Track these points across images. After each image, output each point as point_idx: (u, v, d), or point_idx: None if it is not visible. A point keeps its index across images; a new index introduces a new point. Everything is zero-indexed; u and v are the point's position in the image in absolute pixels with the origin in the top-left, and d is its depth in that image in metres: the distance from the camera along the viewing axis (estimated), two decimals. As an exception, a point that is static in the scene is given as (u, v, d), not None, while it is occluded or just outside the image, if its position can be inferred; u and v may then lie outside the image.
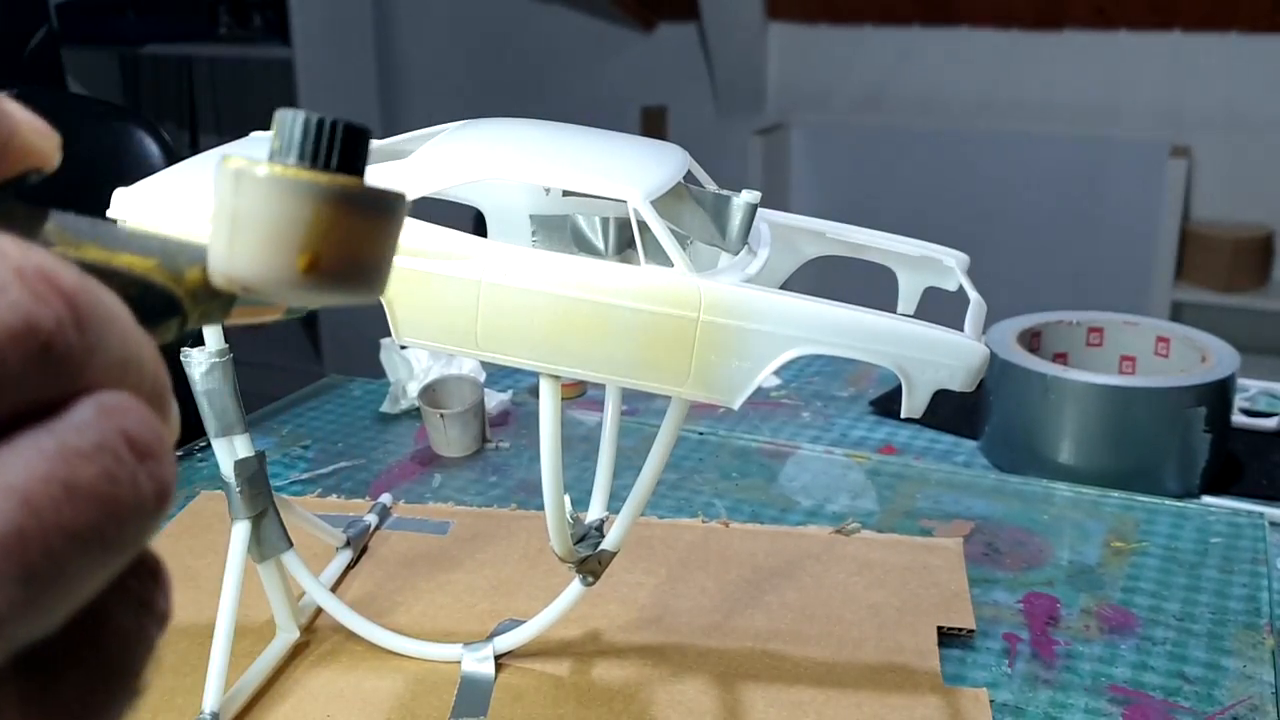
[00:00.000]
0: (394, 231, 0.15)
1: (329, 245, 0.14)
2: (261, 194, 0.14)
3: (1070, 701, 0.45)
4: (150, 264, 0.14)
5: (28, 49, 0.71)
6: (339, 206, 0.14)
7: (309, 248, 0.14)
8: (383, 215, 0.15)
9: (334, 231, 0.14)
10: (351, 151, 0.14)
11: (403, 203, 0.15)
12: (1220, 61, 1.84)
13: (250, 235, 0.14)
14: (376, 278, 0.15)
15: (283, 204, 0.14)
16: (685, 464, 0.66)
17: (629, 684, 0.45)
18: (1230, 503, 0.62)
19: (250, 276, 0.14)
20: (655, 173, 0.37)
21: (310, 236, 0.14)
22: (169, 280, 0.14)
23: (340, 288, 0.14)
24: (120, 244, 0.14)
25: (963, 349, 0.36)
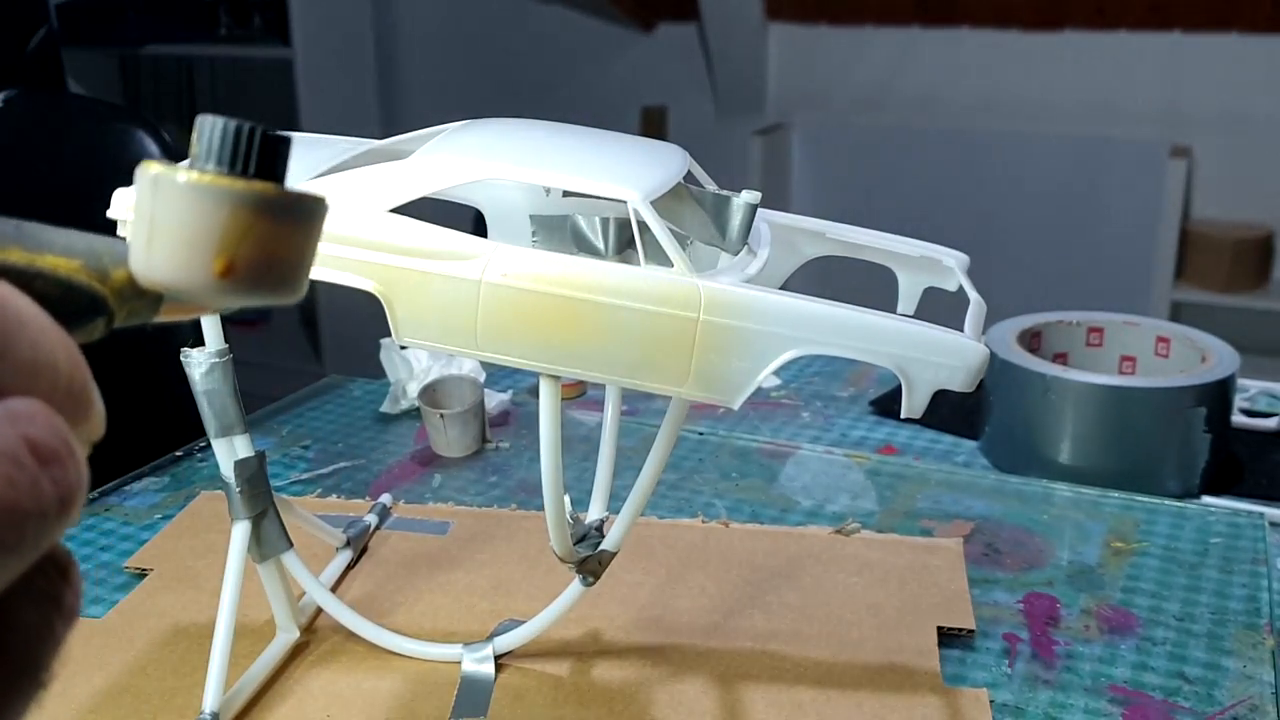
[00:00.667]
0: (313, 235, 0.15)
1: (245, 250, 0.14)
2: (178, 199, 0.14)
3: (1070, 702, 0.45)
4: (75, 265, 0.14)
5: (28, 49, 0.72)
6: (254, 212, 0.14)
7: (224, 252, 0.14)
8: (300, 220, 0.15)
9: (249, 236, 0.14)
10: (270, 158, 0.14)
11: (322, 206, 0.15)
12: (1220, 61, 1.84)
13: (167, 239, 0.14)
14: (294, 280, 0.15)
15: (198, 209, 0.14)
16: (685, 464, 0.66)
17: (629, 684, 0.45)
18: (1230, 503, 0.62)
19: (168, 279, 0.14)
20: (655, 173, 0.37)
21: (225, 241, 0.14)
22: (94, 280, 0.14)
23: (257, 291, 0.15)
24: (45, 246, 0.14)
25: (963, 349, 0.36)
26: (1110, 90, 1.91)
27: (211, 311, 0.16)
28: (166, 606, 0.50)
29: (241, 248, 0.14)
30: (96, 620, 0.50)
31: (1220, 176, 1.87)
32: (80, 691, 0.44)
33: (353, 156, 0.41)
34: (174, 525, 0.58)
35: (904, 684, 0.45)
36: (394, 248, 0.36)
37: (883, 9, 2.01)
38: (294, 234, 0.15)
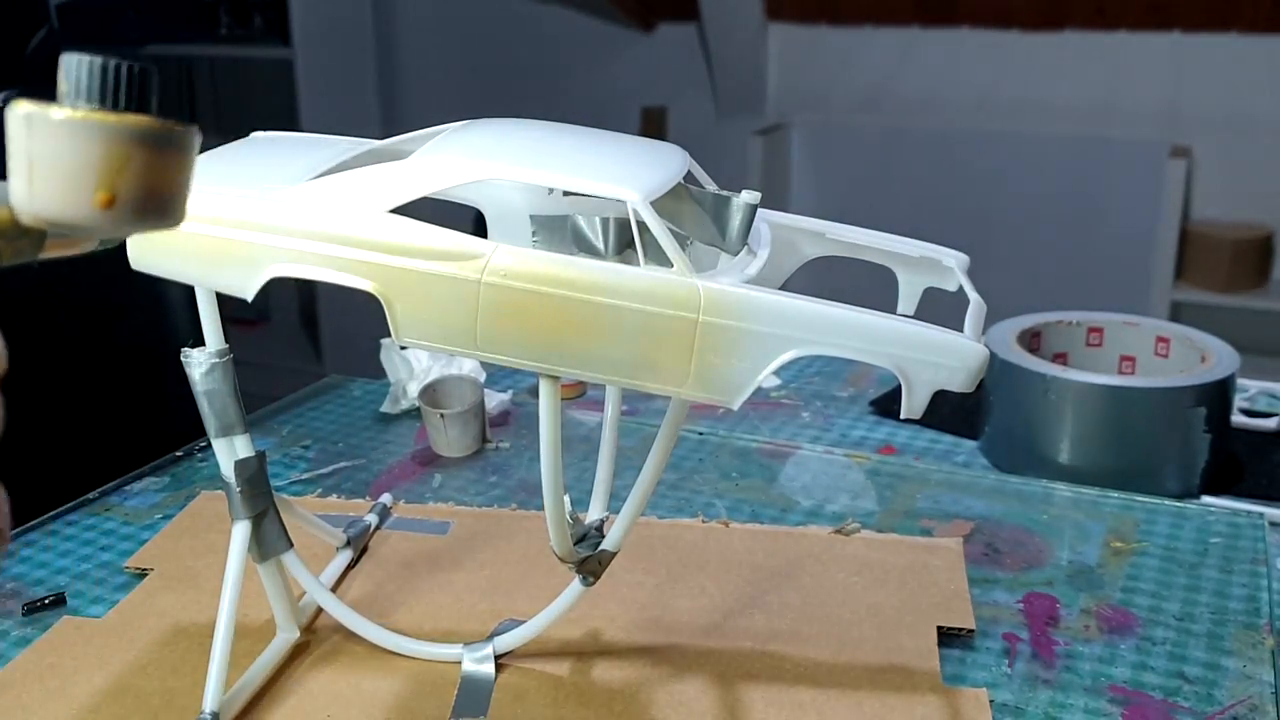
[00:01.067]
0: (187, 163, 0.15)
1: (124, 181, 0.15)
2: (55, 136, 0.14)
3: (1070, 702, 0.45)
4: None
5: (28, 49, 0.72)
6: (130, 143, 0.15)
7: (105, 185, 0.14)
8: (174, 148, 0.15)
9: (128, 168, 0.15)
10: (140, 91, 0.15)
11: (193, 134, 0.15)
12: (1220, 61, 1.84)
13: (48, 175, 0.14)
14: (173, 208, 0.15)
15: (76, 144, 0.14)
16: (685, 464, 0.66)
17: (629, 684, 0.45)
18: (1230, 503, 0.62)
19: (52, 214, 0.14)
20: (655, 173, 0.37)
21: (106, 174, 0.14)
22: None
23: (139, 220, 0.15)
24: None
25: (962, 349, 0.36)
26: (1110, 90, 1.91)
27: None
28: (166, 606, 0.50)
29: (120, 179, 0.14)
30: (97, 620, 0.50)
31: (1220, 176, 1.87)
32: (80, 691, 0.44)
33: (353, 156, 0.41)
34: (174, 525, 0.58)
35: (904, 684, 0.45)
36: (394, 248, 0.36)
37: (883, 9, 2.01)
38: (169, 162, 0.15)
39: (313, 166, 0.39)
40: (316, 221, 0.36)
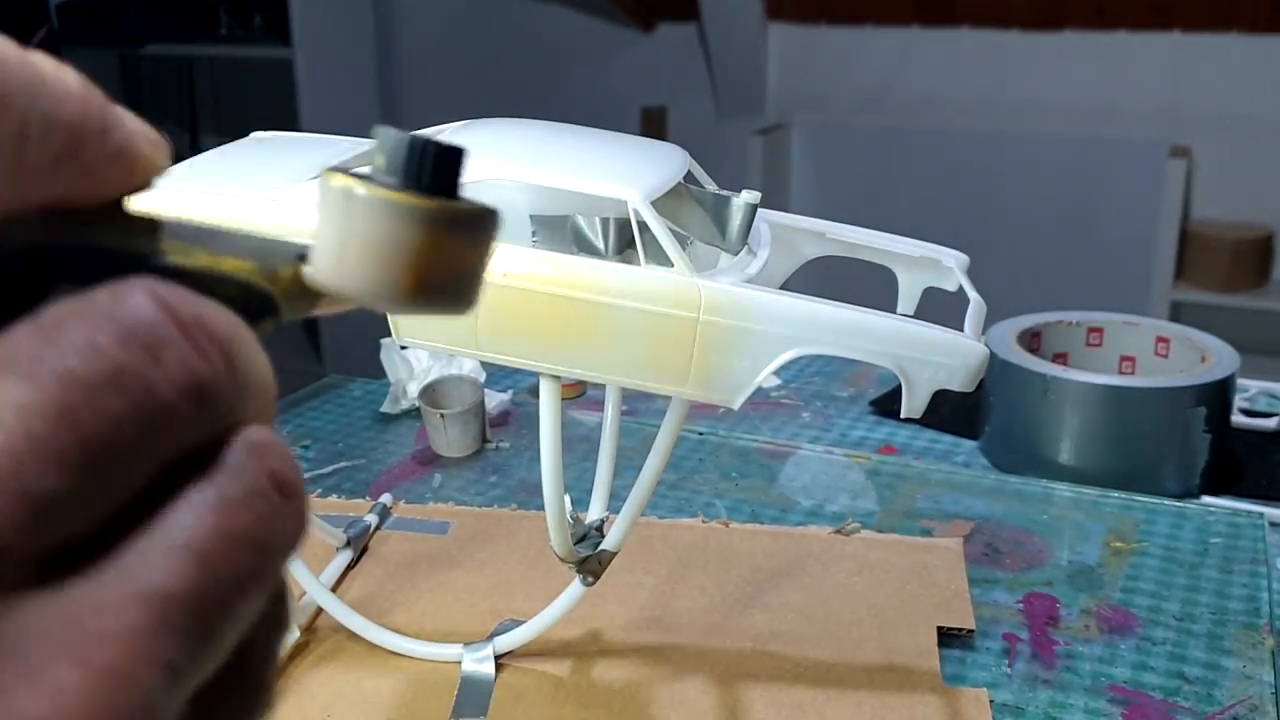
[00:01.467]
0: (489, 248, 0.16)
1: (433, 265, 0.15)
2: (372, 215, 0.14)
3: (1070, 702, 0.45)
4: (250, 266, 0.15)
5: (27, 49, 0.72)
6: (443, 229, 0.15)
7: (415, 268, 0.15)
8: (482, 234, 0.15)
9: (438, 252, 0.15)
10: (450, 171, 0.15)
11: (497, 219, 0.16)
12: (1220, 61, 1.84)
13: (360, 253, 0.15)
14: (473, 293, 0.16)
15: (393, 227, 0.14)
16: (685, 464, 0.66)
17: (629, 684, 0.45)
18: (1230, 503, 0.62)
19: (356, 290, 0.15)
20: (655, 173, 0.37)
21: (417, 258, 0.15)
22: (266, 281, 0.15)
23: (439, 304, 0.15)
24: (223, 247, 0.15)
25: (963, 349, 0.36)
26: (1110, 90, 1.91)
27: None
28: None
29: (430, 263, 0.15)
30: (97, 620, 0.49)
31: (1220, 176, 1.87)
32: (80, 691, 0.44)
33: (353, 156, 0.41)
34: (174, 525, 0.58)
35: (904, 684, 0.45)
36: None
37: (883, 9, 2.01)
38: (476, 248, 0.15)
39: (312, 167, 0.39)
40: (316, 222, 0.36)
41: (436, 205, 0.15)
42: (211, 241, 0.15)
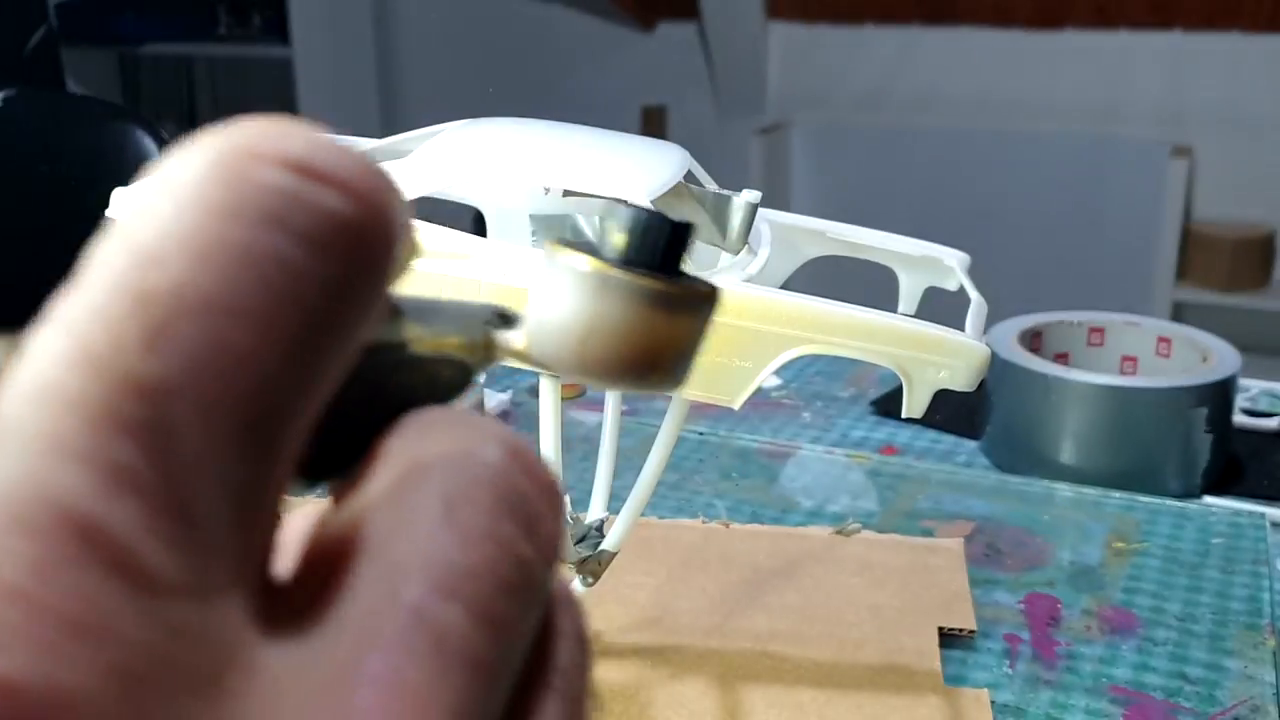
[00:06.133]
0: (706, 327, 0.15)
1: (664, 347, 0.14)
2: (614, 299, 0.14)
3: (1071, 702, 0.45)
4: (460, 341, 0.14)
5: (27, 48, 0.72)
6: (675, 312, 0.14)
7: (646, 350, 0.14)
8: (705, 314, 0.15)
9: (667, 335, 0.14)
10: (681, 248, 0.15)
11: (718, 297, 0.15)
12: (1221, 60, 1.84)
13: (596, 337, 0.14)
14: (686, 372, 0.15)
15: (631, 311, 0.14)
16: (685, 464, 0.66)
17: (628, 685, 0.45)
18: (1231, 503, 0.62)
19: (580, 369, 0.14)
20: (655, 172, 0.37)
21: (648, 342, 0.14)
22: (468, 354, 0.15)
23: (657, 384, 0.15)
24: (440, 323, 0.14)
25: (964, 349, 0.36)
26: (1111, 89, 1.91)
27: None
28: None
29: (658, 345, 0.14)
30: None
31: (1221, 176, 1.87)
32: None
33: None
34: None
35: (905, 684, 0.45)
36: (393, 247, 0.36)
37: (883, 8, 2.01)
38: (695, 327, 0.15)
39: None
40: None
41: (677, 289, 0.14)
42: (431, 317, 0.14)
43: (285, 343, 0.10)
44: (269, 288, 0.10)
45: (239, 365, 0.09)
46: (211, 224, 0.09)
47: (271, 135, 0.10)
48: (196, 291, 0.09)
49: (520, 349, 0.15)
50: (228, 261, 0.09)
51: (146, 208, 0.10)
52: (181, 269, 0.09)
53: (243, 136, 0.10)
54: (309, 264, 0.10)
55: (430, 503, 0.11)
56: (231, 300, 0.09)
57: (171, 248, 0.09)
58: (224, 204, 0.10)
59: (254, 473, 0.10)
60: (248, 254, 0.09)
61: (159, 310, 0.09)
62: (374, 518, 0.11)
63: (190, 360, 0.09)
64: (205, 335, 0.09)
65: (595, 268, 0.14)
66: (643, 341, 0.14)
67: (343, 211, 0.10)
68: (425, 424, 0.12)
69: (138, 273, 0.09)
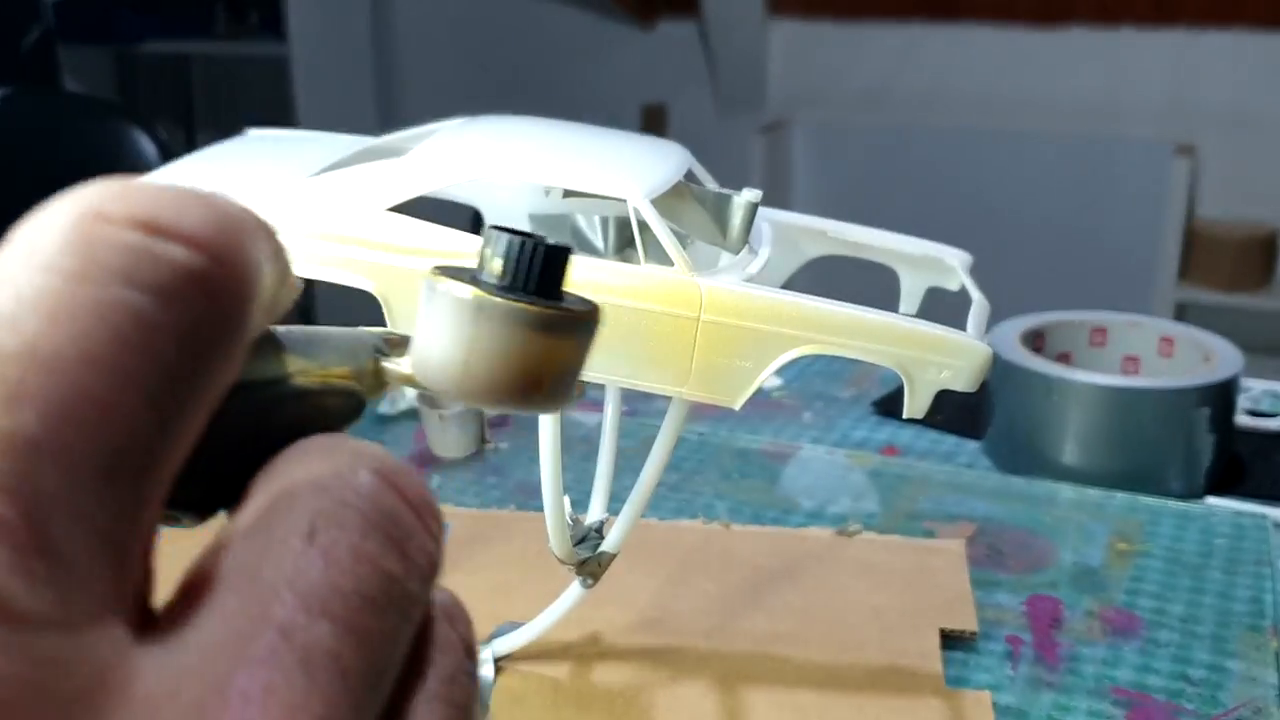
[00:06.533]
0: (588, 349, 0.16)
1: (545, 369, 0.15)
2: (493, 323, 0.15)
3: (1073, 704, 0.44)
4: (346, 370, 0.15)
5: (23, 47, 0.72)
6: (555, 334, 0.15)
7: (528, 372, 0.15)
8: (587, 334, 0.16)
9: (552, 356, 0.15)
10: (559, 271, 0.15)
11: (599, 317, 0.16)
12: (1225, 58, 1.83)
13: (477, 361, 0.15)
14: (572, 392, 0.16)
15: (510, 336, 0.15)
16: (686, 465, 0.65)
17: (629, 687, 0.45)
18: (1234, 504, 0.62)
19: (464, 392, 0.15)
20: (655, 171, 0.37)
21: (530, 364, 0.15)
22: (357, 381, 0.15)
23: (541, 404, 0.15)
24: (325, 355, 0.15)
25: (966, 349, 0.36)
26: (1114, 87, 1.91)
27: None
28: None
29: (539, 366, 0.15)
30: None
31: (1225, 175, 1.87)
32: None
33: (350, 154, 0.40)
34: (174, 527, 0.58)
35: (906, 686, 0.45)
36: (392, 247, 0.36)
37: (885, 5, 2.01)
38: (576, 348, 0.15)
39: (308, 164, 0.39)
40: (313, 220, 0.36)
41: (555, 312, 0.15)
42: (316, 350, 0.14)
43: (140, 390, 0.10)
44: (120, 339, 0.10)
45: (95, 414, 0.10)
46: (61, 285, 0.10)
47: (118, 195, 0.11)
48: (50, 348, 0.10)
49: (407, 374, 0.15)
50: (78, 318, 0.10)
51: (2, 275, 0.10)
52: (34, 328, 0.10)
53: (91, 198, 0.11)
54: (159, 315, 0.10)
55: (297, 524, 0.11)
56: (84, 353, 0.10)
57: (24, 309, 0.10)
58: (72, 266, 0.10)
59: (118, 512, 0.10)
60: (97, 309, 0.10)
61: (14, 369, 0.10)
62: (243, 543, 0.12)
63: (46, 412, 0.10)
64: (59, 388, 0.10)
65: (472, 295, 0.14)
66: (522, 364, 0.15)
67: (188, 262, 0.11)
68: (299, 452, 0.13)
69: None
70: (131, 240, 0.11)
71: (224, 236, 0.11)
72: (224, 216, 0.11)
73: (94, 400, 0.10)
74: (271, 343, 0.14)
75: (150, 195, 0.11)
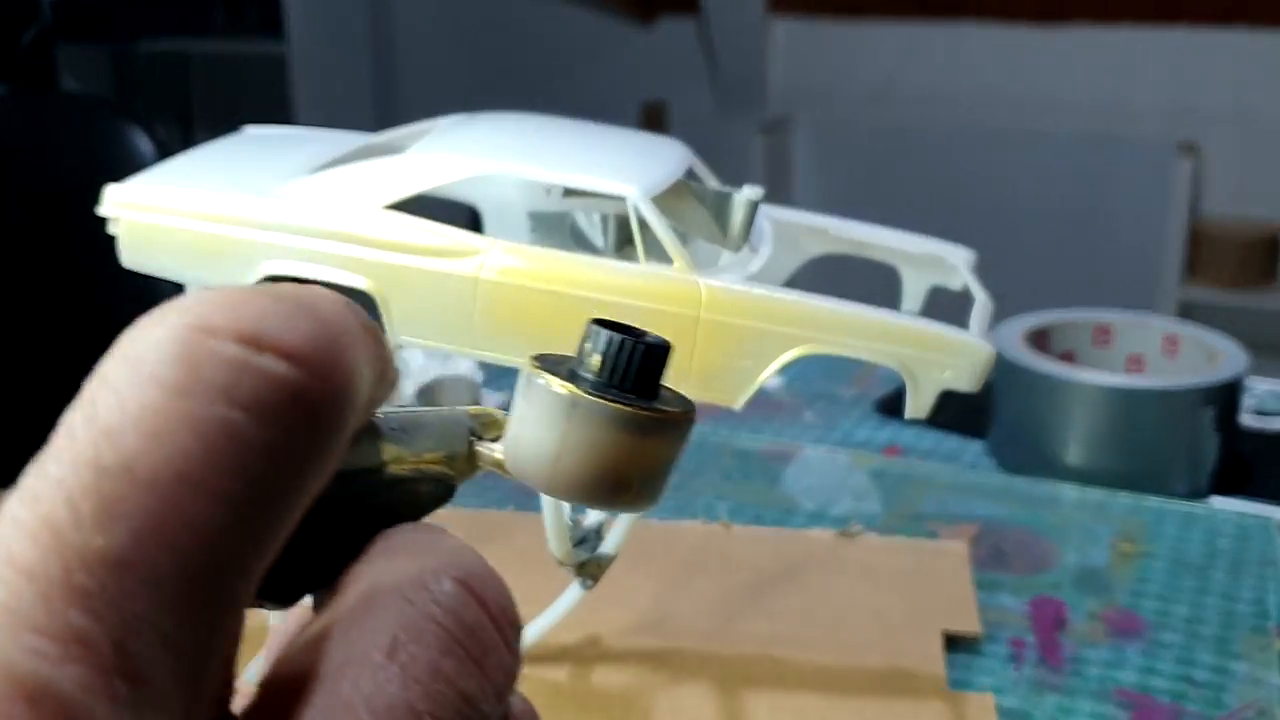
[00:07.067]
0: (680, 448, 0.16)
1: (638, 468, 0.15)
2: (585, 423, 0.14)
3: (1077, 706, 0.44)
4: (440, 456, 0.15)
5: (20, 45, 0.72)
6: (648, 435, 0.15)
7: (621, 472, 0.15)
8: (680, 435, 0.15)
9: (646, 456, 0.15)
10: (657, 370, 0.15)
11: (693, 418, 0.16)
12: (1228, 56, 1.83)
13: (568, 458, 0.15)
14: (660, 493, 0.16)
15: (604, 435, 0.14)
16: (686, 465, 0.65)
17: (629, 689, 0.44)
18: (1239, 504, 0.61)
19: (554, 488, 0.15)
20: (655, 169, 0.36)
21: (622, 464, 0.15)
22: (449, 468, 0.15)
23: (626, 505, 0.15)
24: (419, 441, 0.15)
25: (968, 348, 0.35)
26: (1117, 86, 1.90)
27: None
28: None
29: (632, 466, 0.15)
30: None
31: (1229, 173, 1.86)
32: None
33: (347, 152, 0.40)
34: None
35: (908, 688, 0.44)
36: (390, 244, 0.35)
37: (886, 3, 2.00)
38: (668, 448, 0.15)
39: (306, 162, 0.39)
40: (310, 218, 0.36)
41: (650, 415, 0.15)
42: (413, 437, 0.14)
43: (232, 506, 0.10)
44: (215, 456, 0.10)
45: (186, 532, 0.10)
46: (163, 400, 0.10)
47: (224, 306, 0.11)
48: (147, 465, 0.10)
49: (499, 459, 0.15)
50: (177, 435, 0.10)
51: (107, 382, 0.11)
52: (133, 444, 0.10)
53: (198, 309, 0.11)
54: (256, 431, 0.11)
55: (378, 639, 0.11)
56: (180, 474, 0.10)
57: (127, 424, 0.10)
58: (175, 381, 0.11)
59: (199, 630, 0.10)
60: (195, 426, 0.10)
61: (111, 484, 0.10)
62: (327, 648, 0.12)
63: (139, 532, 0.10)
64: (154, 506, 0.10)
65: (568, 391, 0.14)
66: (612, 464, 0.15)
67: (289, 377, 0.11)
68: (390, 549, 0.13)
69: (94, 449, 0.10)
70: (234, 355, 0.11)
71: (325, 348, 0.11)
72: (326, 326, 0.11)
73: (186, 519, 0.10)
74: (370, 431, 0.14)
75: (256, 307, 0.11)
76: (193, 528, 0.10)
